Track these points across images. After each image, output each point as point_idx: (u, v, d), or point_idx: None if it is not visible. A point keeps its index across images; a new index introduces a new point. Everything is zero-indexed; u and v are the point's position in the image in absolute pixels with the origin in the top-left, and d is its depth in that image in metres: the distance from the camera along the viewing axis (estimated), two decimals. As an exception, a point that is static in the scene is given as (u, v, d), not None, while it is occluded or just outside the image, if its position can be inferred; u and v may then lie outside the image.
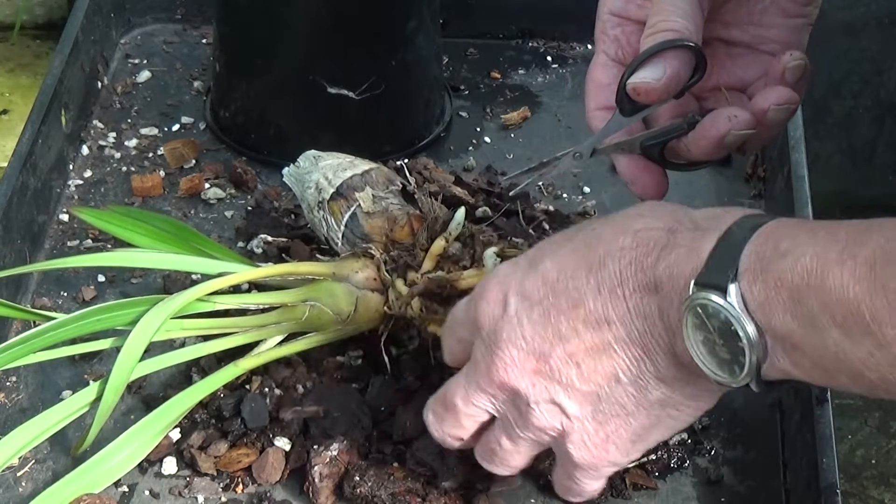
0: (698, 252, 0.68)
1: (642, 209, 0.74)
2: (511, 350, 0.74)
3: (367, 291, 0.90)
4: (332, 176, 0.95)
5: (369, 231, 0.92)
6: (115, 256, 0.95)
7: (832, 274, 0.61)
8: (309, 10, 1.08)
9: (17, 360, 0.85)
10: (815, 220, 0.67)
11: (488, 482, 0.86)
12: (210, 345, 0.89)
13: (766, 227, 0.66)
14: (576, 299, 0.72)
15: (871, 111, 1.99)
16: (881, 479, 1.78)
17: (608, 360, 0.72)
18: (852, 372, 0.63)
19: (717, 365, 0.68)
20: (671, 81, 0.79)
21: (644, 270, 0.70)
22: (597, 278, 0.71)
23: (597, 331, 0.72)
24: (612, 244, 0.71)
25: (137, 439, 0.86)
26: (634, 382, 0.72)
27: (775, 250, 0.64)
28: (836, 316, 0.61)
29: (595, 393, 0.73)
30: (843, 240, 0.62)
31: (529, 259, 0.75)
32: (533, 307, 0.73)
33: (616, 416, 0.74)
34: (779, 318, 0.64)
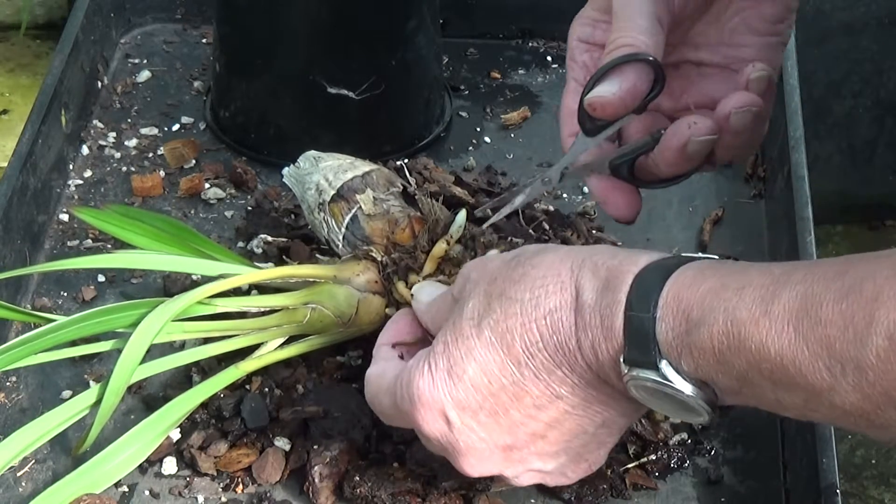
0: (612, 331, 0.68)
1: (532, 286, 0.71)
2: (475, 453, 0.74)
3: (368, 294, 0.90)
4: (332, 177, 0.94)
5: (370, 233, 0.92)
6: (115, 258, 0.95)
7: (749, 334, 0.62)
8: (309, 10, 1.08)
9: (18, 362, 0.85)
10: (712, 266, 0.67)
11: (488, 482, 0.86)
12: (211, 347, 0.89)
13: (668, 293, 0.66)
14: (517, 392, 0.72)
15: (871, 111, 1.99)
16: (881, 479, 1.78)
17: (571, 423, 0.73)
18: (796, 413, 0.64)
19: (675, 412, 0.70)
20: (627, 95, 0.78)
21: (572, 353, 0.70)
22: (529, 369, 0.71)
23: (551, 407, 0.72)
24: (527, 337, 0.71)
25: (138, 440, 0.86)
26: (602, 426, 0.74)
27: (688, 322, 0.65)
28: (763, 371, 0.62)
29: (567, 447, 0.75)
30: (751, 296, 0.62)
31: (444, 368, 0.73)
32: (477, 413, 0.73)
33: (593, 451, 0.76)
34: (714, 377, 0.65)
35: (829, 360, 0.59)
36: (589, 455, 0.76)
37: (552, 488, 0.86)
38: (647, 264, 0.68)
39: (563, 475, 0.77)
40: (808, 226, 0.98)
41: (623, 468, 0.88)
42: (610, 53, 0.79)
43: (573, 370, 0.70)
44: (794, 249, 0.98)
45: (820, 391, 0.60)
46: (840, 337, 0.58)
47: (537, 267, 0.72)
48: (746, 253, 1.06)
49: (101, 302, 1.00)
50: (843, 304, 0.58)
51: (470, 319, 0.73)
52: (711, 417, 0.68)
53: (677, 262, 0.68)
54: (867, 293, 0.57)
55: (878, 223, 2.12)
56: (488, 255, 0.79)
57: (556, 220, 1.03)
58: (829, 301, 0.59)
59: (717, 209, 1.09)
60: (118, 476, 0.85)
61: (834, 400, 0.60)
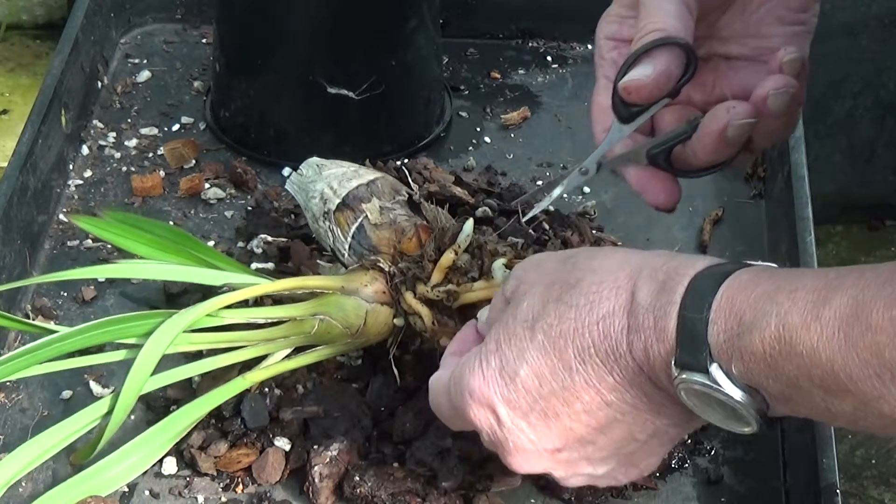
0: (665, 332, 0.67)
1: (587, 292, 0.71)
2: (523, 454, 0.74)
3: (376, 305, 0.89)
4: (337, 186, 0.94)
5: (377, 243, 0.92)
6: (116, 268, 0.95)
7: (800, 339, 0.61)
8: (309, 10, 1.08)
9: (21, 372, 0.85)
10: (768, 272, 0.67)
11: (488, 482, 0.86)
12: (218, 359, 0.89)
13: (722, 296, 0.66)
14: (567, 398, 0.72)
15: (871, 111, 1.99)
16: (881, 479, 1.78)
17: (621, 430, 0.73)
18: (847, 421, 0.63)
19: (724, 420, 0.69)
20: (661, 77, 0.78)
21: (623, 357, 0.70)
22: (581, 375, 0.71)
23: (601, 413, 0.72)
24: (579, 342, 0.71)
25: (145, 447, 0.86)
26: (653, 435, 0.73)
27: (740, 325, 0.64)
28: (813, 378, 0.62)
29: (617, 453, 0.74)
30: (804, 300, 0.62)
31: (496, 368, 0.73)
32: (527, 414, 0.73)
33: (644, 458, 0.76)
34: (764, 382, 0.65)
35: (879, 368, 0.58)
36: (640, 462, 0.76)
37: (552, 488, 0.86)
38: (704, 267, 0.68)
39: (613, 479, 0.77)
40: (808, 226, 0.98)
41: (623, 468, 0.88)
42: (640, 39, 0.79)
43: (624, 376, 0.70)
44: (794, 249, 0.98)
45: (869, 399, 0.60)
46: (890, 344, 0.58)
47: (595, 272, 0.72)
48: (746, 253, 1.06)
49: (101, 302, 1.00)
50: (894, 310, 0.58)
51: (524, 321, 0.73)
52: (760, 427, 0.68)
53: (735, 266, 0.68)
54: None
55: (878, 223, 2.12)
56: (540, 255, 0.78)
57: (556, 220, 1.03)
58: (879, 307, 0.58)
59: (717, 209, 1.09)
60: (124, 481, 0.85)
61: (883, 409, 0.59)
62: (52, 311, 0.99)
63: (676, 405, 0.71)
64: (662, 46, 0.78)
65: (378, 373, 0.92)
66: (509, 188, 1.07)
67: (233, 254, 1.04)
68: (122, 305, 1.00)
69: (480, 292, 0.87)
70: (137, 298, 1.00)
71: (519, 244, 0.91)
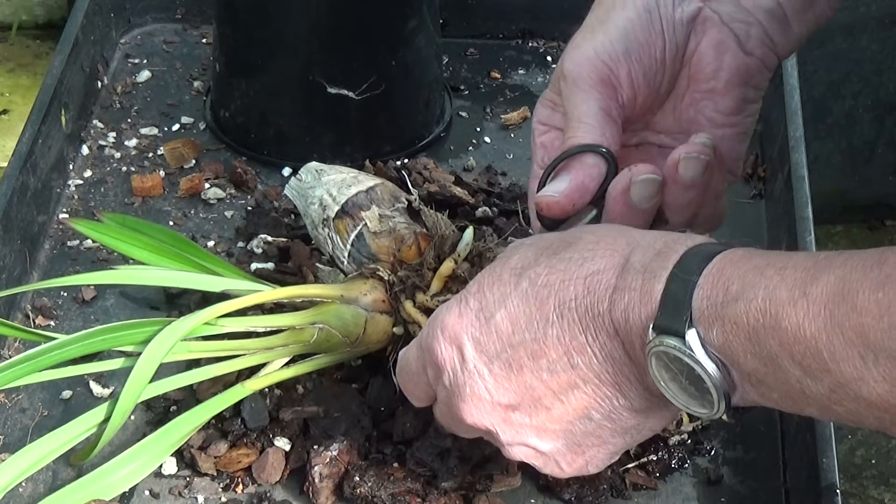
0: (650, 295, 0.67)
1: (583, 248, 0.72)
2: (476, 402, 0.74)
3: (375, 313, 0.89)
4: (336, 193, 0.93)
5: (376, 251, 0.91)
6: (116, 274, 0.94)
7: (786, 314, 0.61)
8: (309, 10, 1.08)
9: (21, 380, 0.85)
10: (762, 251, 0.67)
11: (488, 482, 0.86)
12: (217, 367, 0.88)
13: (713, 265, 0.66)
14: (535, 350, 0.71)
15: (871, 111, 1.99)
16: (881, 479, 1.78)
17: (578, 401, 0.72)
18: (819, 405, 0.63)
19: (688, 399, 0.69)
20: (574, 193, 0.79)
21: (601, 315, 0.70)
22: (555, 329, 0.71)
23: (563, 375, 0.71)
24: (562, 294, 0.71)
25: (147, 453, 0.86)
26: (608, 416, 0.73)
27: (726, 294, 0.64)
28: (794, 355, 0.62)
29: (568, 430, 0.74)
30: (793, 277, 0.62)
31: (474, 309, 0.74)
32: (492, 360, 0.73)
33: (592, 446, 0.75)
34: (740, 357, 0.65)
35: (862, 349, 0.59)
36: (588, 449, 0.75)
37: (553, 489, 0.86)
38: (702, 242, 0.68)
39: (556, 463, 0.76)
40: (808, 226, 0.98)
41: (623, 468, 0.88)
42: (561, 149, 0.80)
43: (596, 337, 0.70)
44: (794, 249, 0.98)
45: (849, 380, 0.60)
46: (875, 326, 0.58)
47: (594, 233, 0.72)
48: (746, 253, 1.06)
49: (101, 302, 1.00)
50: (880, 293, 0.58)
51: (512, 269, 0.73)
52: (721, 411, 0.67)
53: (731, 244, 0.68)
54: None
55: (878, 223, 2.12)
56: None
57: (556, 220, 1.03)
58: (865, 289, 0.59)
59: (717, 209, 1.09)
60: (125, 486, 0.85)
61: (861, 390, 0.60)
62: (52, 312, 0.99)
63: (640, 384, 0.71)
64: (580, 156, 0.79)
65: (378, 373, 0.92)
66: (509, 188, 1.07)
67: (233, 254, 1.04)
68: (122, 306, 1.00)
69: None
70: (137, 299, 1.00)
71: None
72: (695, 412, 0.69)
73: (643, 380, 0.71)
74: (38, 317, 0.98)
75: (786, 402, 0.65)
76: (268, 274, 0.99)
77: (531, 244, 0.75)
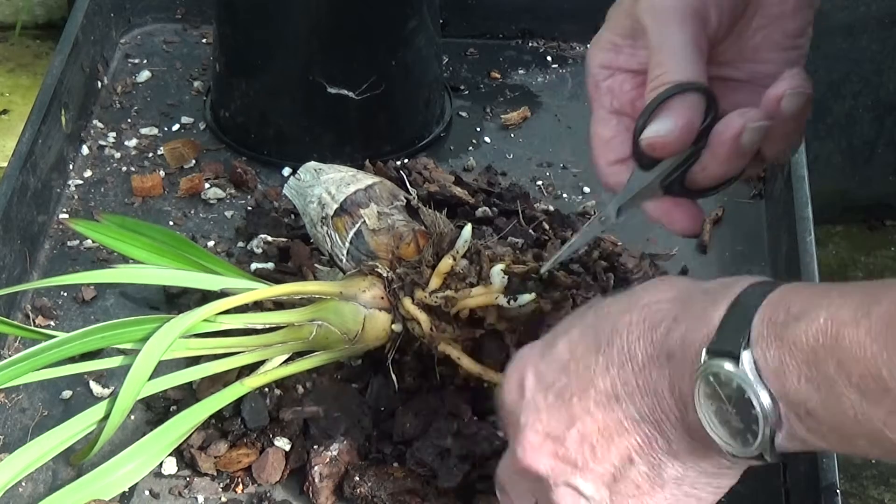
0: (709, 320, 0.67)
1: (650, 284, 0.73)
2: (530, 434, 0.73)
3: (374, 310, 0.89)
4: (334, 191, 0.93)
5: (375, 248, 0.91)
6: (115, 273, 0.94)
7: (847, 334, 0.60)
8: (309, 10, 1.08)
9: (21, 378, 0.85)
10: (825, 283, 0.67)
11: (488, 482, 0.86)
12: (216, 364, 0.89)
13: (776, 293, 0.65)
14: (586, 380, 0.71)
15: (871, 111, 1.99)
16: (881, 479, 1.78)
17: (620, 440, 0.71)
18: (872, 434, 0.62)
19: (729, 435, 0.67)
20: (684, 131, 0.77)
21: (653, 343, 0.69)
22: (606, 357, 0.70)
23: (607, 410, 0.71)
24: (619, 320, 0.70)
25: (146, 451, 0.86)
26: (647, 460, 0.71)
27: (787, 314, 0.63)
28: (852, 376, 0.60)
29: (611, 474, 0.72)
30: (857, 300, 0.61)
31: (546, 340, 0.74)
32: (548, 390, 0.72)
33: (632, 497, 0.73)
34: (794, 383, 0.63)
35: None
36: (628, 500, 0.72)
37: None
38: (767, 280, 0.68)
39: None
40: (808, 226, 0.98)
41: (623, 468, 0.87)
42: (656, 88, 0.77)
43: (643, 367, 0.69)
44: (794, 249, 0.98)
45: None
46: None
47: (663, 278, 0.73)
48: (746, 253, 1.06)
49: (100, 302, 1.00)
50: None
51: (590, 305, 0.74)
52: (764, 446, 0.66)
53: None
54: None
55: (878, 223, 2.12)
56: None
57: (555, 220, 1.03)
58: None
59: (717, 209, 1.09)
60: (125, 485, 0.86)
61: None
62: (52, 311, 0.99)
63: (682, 424, 0.69)
64: (680, 95, 0.76)
65: (378, 373, 0.92)
66: (509, 188, 1.07)
67: (233, 254, 1.04)
68: (121, 306, 1.00)
69: (479, 298, 0.87)
70: (137, 299, 1.00)
71: (519, 244, 0.91)
72: (733, 449, 0.68)
73: (685, 418, 0.69)
74: (37, 317, 0.98)
75: (834, 436, 0.64)
76: (268, 274, 0.99)
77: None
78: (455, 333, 0.87)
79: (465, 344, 0.88)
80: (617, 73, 0.82)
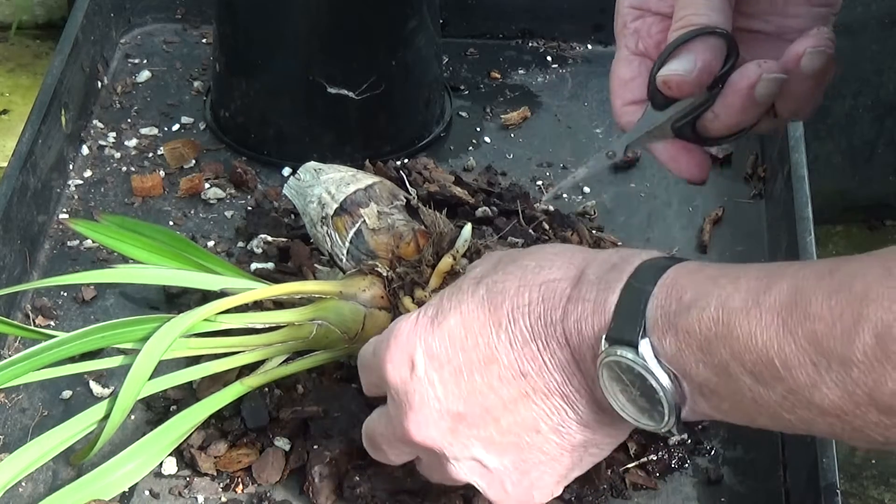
0: (604, 306, 0.68)
1: (541, 258, 0.72)
2: (425, 412, 0.73)
3: (374, 310, 0.89)
4: (334, 191, 0.93)
5: (375, 248, 0.91)
6: (115, 273, 0.94)
7: (738, 323, 0.62)
8: (308, 10, 1.08)
9: (21, 378, 0.85)
10: (714, 264, 0.67)
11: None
12: (217, 363, 0.89)
13: (667, 276, 0.66)
14: (487, 356, 0.71)
15: (871, 111, 1.99)
16: (881, 479, 1.78)
17: (527, 412, 0.71)
18: (770, 414, 0.63)
19: (637, 412, 0.69)
20: (703, 73, 0.76)
21: (553, 324, 0.69)
22: (507, 334, 0.71)
23: (513, 384, 0.71)
24: (517, 299, 0.71)
25: (146, 451, 0.86)
26: (556, 430, 0.72)
27: (679, 303, 0.64)
28: (746, 364, 0.62)
29: (516, 444, 0.73)
30: (746, 287, 0.62)
31: (430, 315, 0.73)
32: (443, 366, 0.72)
33: (539, 463, 0.74)
34: (692, 367, 0.65)
35: (815, 356, 0.59)
36: (535, 468, 0.73)
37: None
38: (657, 256, 0.69)
39: (501, 484, 0.74)
40: (808, 226, 0.98)
41: (623, 468, 0.88)
42: (679, 29, 0.77)
43: (547, 345, 0.70)
44: (794, 249, 0.98)
45: (802, 387, 0.60)
46: (827, 333, 0.58)
47: (554, 246, 0.73)
48: (746, 253, 1.06)
49: (101, 302, 1.00)
50: (833, 300, 0.58)
51: (472, 278, 0.74)
52: (670, 424, 0.67)
53: (685, 258, 0.68)
54: (856, 291, 0.58)
55: (878, 223, 2.12)
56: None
57: (556, 220, 1.03)
58: (818, 297, 0.59)
59: (717, 209, 1.09)
60: (126, 485, 0.85)
61: (814, 397, 0.60)
62: (52, 312, 0.99)
63: (590, 397, 0.70)
64: (702, 37, 0.76)
65: (378, 373, 0.92)
66: (509, 188, 1.07)
67: (233, 254, 1.04)
68: (121, 306, 1.00)
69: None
70: (137, 299, 1.00)
71: (519, 244, 0.91)
72: (644, 425, 0.69)
73: (593, 392, 0.70)
74: (37, 317, 0.98)
75: (737, 413, 0.65)
76: (268, 274, 0.99)
77: (492, 256, 0.76)
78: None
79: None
80: (646, 14, 0.82)
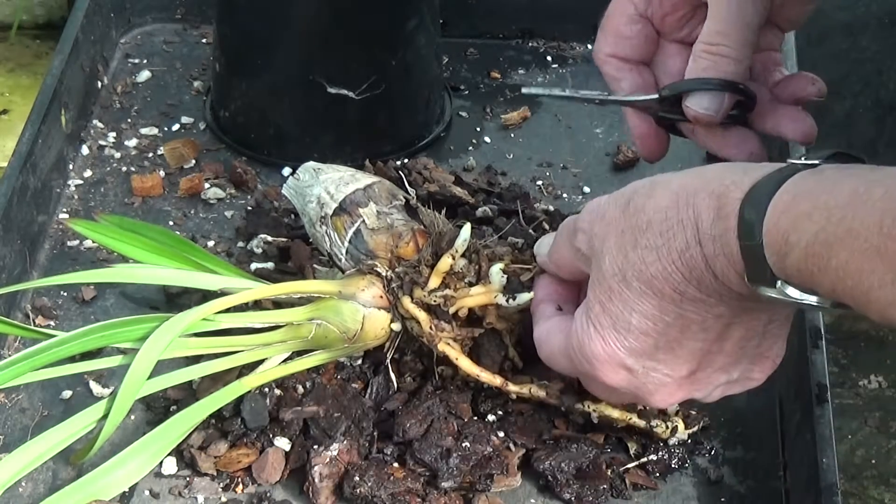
0: (733, 258, 0.70)
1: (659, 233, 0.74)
2: (663, 391, 0.78)
3: (373, 309, 0.89)
4: (333, 190, 0.93)
5: (374, 247, 0.91)
6: (115, 272, 0.94)
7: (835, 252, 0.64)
8: (309, 10, 1.08)
9: (21, 378, 0.85)
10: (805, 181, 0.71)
11: (488, 482, 0.86)
12: (216, 363, 0.89)
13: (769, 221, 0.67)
14: (682, 325, 0.75)
15: (871, 111, 1.99)
16: (881, 479, 1.78)
17: (740, 331, 0.76)
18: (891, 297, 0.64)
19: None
20: (722, 116, 0.85)
21: (712, 283, 0.72)
22: (687, 300, 0.74)
23: (717, 325, 0.75)
24: (672, 279, 0.73)
25: (146, 450, 0.86)
26: (770, 321, 0.76)
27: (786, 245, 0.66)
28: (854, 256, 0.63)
29: (744, 352, 0.78)
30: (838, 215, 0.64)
31: (609, 324, 0.76)
32: (654, 354, 0.76)
33: (770, 347, 0.78)
34: (826, 289, 0.66)
35: None
36: (768, 351, 0.79)
37: (552, 489, 0.86)
38: (749, 189, 0.70)
39: (748, 379, 0.80)
40: (808, 226, 0.98)
41: (623, 468, 0.88)
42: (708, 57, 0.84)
43: (721, 296, 0.73)
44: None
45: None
46: None
47: (658, 211, 0.74)
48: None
49: (100, 302, 1.00)
50: None
51: (614, 276, 0.75)
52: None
53: (777, 181, 0.70)
54: None
55: (878, 223, 2.12)
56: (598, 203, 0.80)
57: (556, 220, 1.03)
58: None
59: (717, 209, 1.09)
60: (126, 485, 0.85)
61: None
62: (51, 311, 0.99)
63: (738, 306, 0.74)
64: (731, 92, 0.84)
65: (378, 373, 0.92)
66: (509, 188, 1.07)
67: (233, 254, 1.04)
68: (121, 305, 1.00)
69: (478, 297, 0.87)
70: (137, 299, 1.00)
71: (519, 244, 0.91)
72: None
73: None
74: (37, 317, 0.98)
75: (860, 296, 0.66)
76: (268, 274, 0.99)
77: (603, 235, 0.77)
78: (454, 332, 0.87)
79: (465, 343, 0.88)
80: (643, 21, 0.86)
